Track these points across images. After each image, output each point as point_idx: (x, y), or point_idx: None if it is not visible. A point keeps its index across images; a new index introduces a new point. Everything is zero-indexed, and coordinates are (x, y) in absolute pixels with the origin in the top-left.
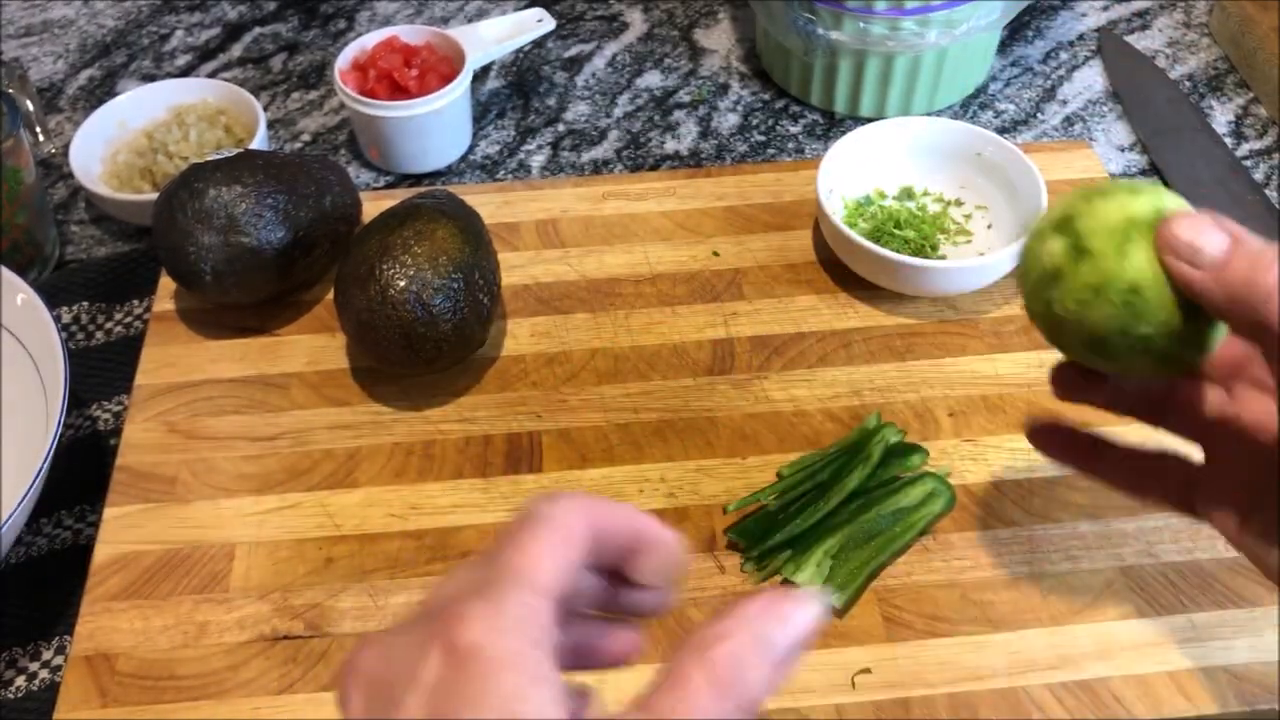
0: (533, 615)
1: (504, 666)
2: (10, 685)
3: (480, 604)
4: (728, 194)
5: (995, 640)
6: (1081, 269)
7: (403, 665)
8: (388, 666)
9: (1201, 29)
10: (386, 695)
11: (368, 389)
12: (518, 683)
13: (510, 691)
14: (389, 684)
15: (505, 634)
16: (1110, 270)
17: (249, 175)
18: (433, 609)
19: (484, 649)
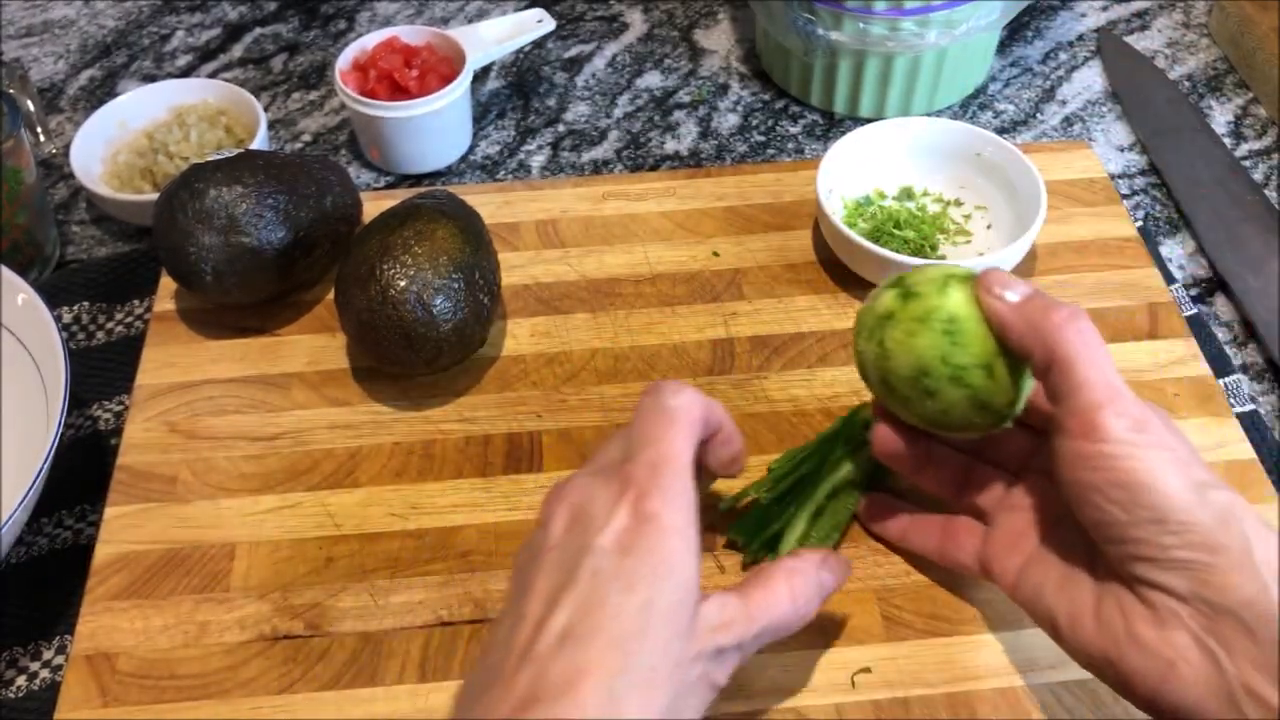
0: (687, 495)
1: (669, 533)
2: (11, 685)
3: (654, 483)
4: (728, 194)
5: (995, 640)
6: (909, 306)
7: (601, 508)
8: (590, 504)
9: (1201, 29)
10: (585, 523)
11: (368, 389)
12: (678, 547)
13: (673, 551)
14: (590, 516)
15: (674, 508)
16: (933, 304)
17: (249, 175)
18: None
19: (659, 515)
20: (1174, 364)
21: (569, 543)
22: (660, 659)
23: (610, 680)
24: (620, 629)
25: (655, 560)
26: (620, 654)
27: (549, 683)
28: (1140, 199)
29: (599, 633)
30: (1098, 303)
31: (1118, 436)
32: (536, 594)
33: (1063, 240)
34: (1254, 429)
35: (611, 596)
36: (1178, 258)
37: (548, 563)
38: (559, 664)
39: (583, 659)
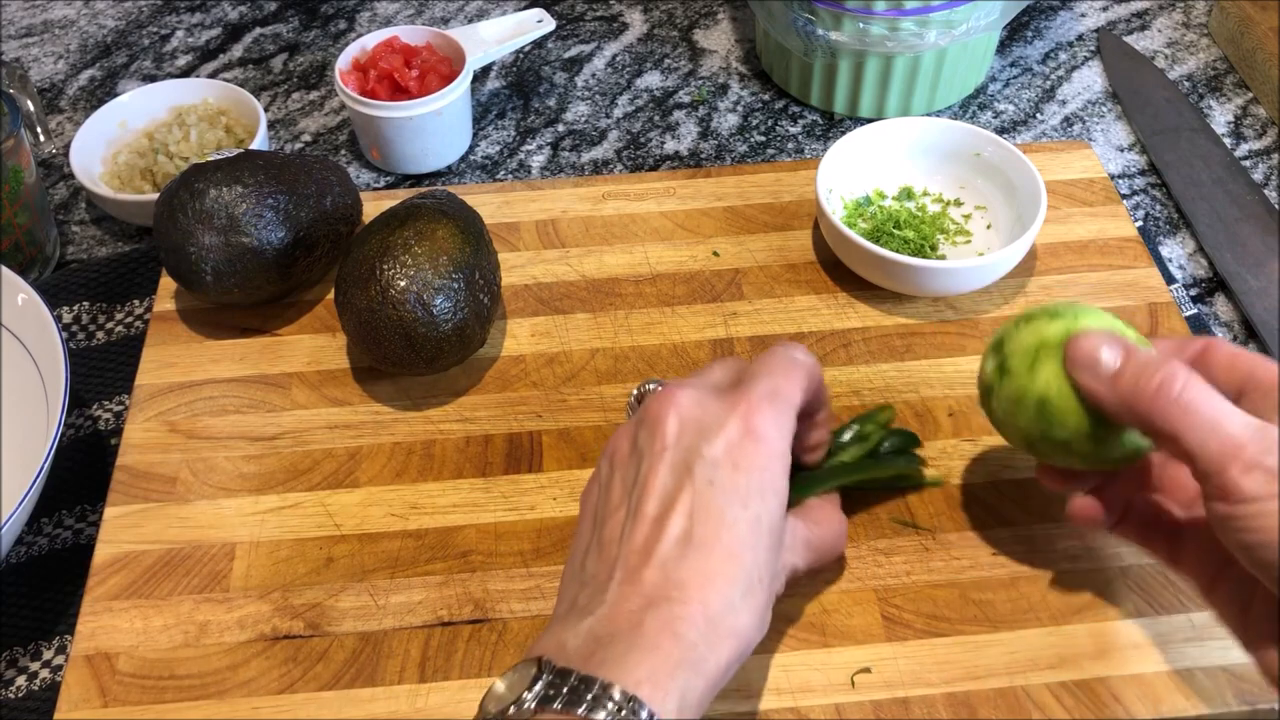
0: (791, 428)
1: (775, 455)
2: (11, 685)
3: (770, 406)
4: (728, 194)
5: (995, 640)
6: (1005, 384)
7: (713, 418)
8: (703, 414)
9: (1201, 29)
10: (697, 430)
11: (368, 389)
12: (780, 470)
13: (777, 473)
14: (702, 425)
15: (780, 434)
16: (1023, 385)
17: (250, 175)
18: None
19: (769, 437)
20: None
21: (683, 445)
22: (764, 570)
23: (728, 588)
24: (736, 540)
25: (764, 478)
26: (736, 564)
27: (676, 582)
28: (1140, 199)
29: (716, 542)
30: (1098, 303)
31: (1249, 494)
32: (653, 492)
33: (1063, 240)
34: None
35: (728, 508)
36: (1178, 258)
37: (664, 463)
38: (684, 568)
39: (704, 566)
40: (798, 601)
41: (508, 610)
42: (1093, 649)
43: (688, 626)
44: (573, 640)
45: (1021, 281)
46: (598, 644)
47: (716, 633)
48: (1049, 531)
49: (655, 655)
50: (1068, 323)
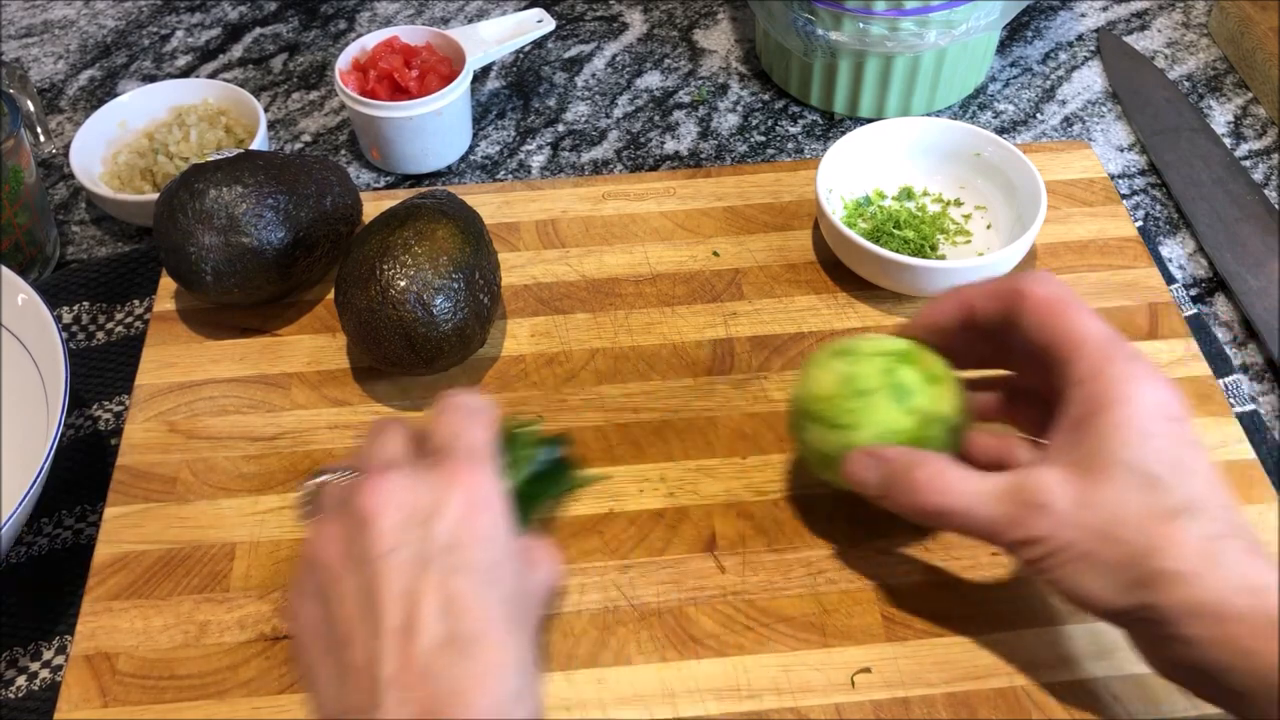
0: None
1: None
2: (11, 685)
3: (479, 466)
4: (728, 194)
5: (995, 640)
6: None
7: (431, 500)
8: (417, 497)
9: (1200, 29)
10: (419, 518)
11: (368, 389)
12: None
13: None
14: (422, 511)
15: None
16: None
17: (249, 176)
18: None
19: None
20: (1174, 364)
21: (409, 540)
22: (529, 641)
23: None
24: (501, 623)
25: (499, 546)
26: (509, 649)
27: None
28: (1140, 199)
29: (486, 634)
30: (1098, 303)
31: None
32: (390, 601)
33: (1063, 240)
34: (1254, 429)
35: (481, 593)
36: (1178, 258)
37: (392, 566)
38: (458, 673)
39: (479, 663)
40: (798, 601)
41: None
42: (1093, 649)
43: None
44: None
45: None
46: None
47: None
48: None
49: None
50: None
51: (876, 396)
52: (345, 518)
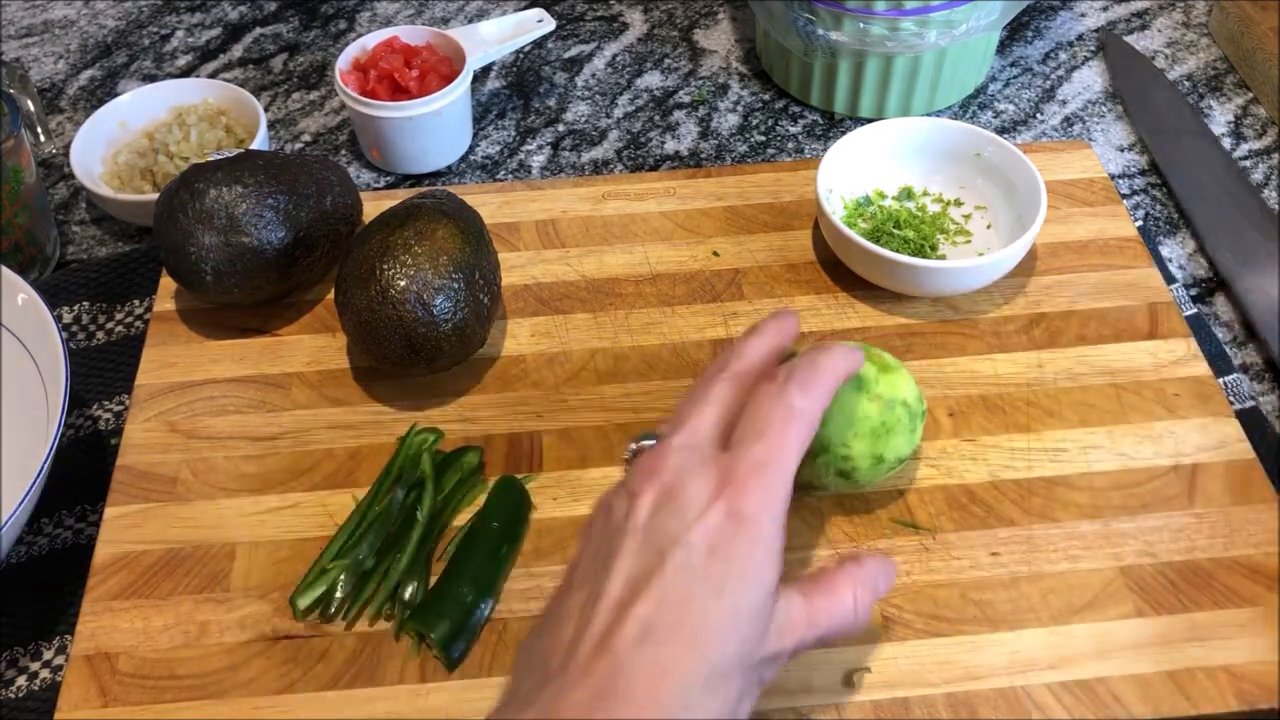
0: (783, 500)
1: (761, 539)
2: (11, 685)
3: (755, 482)
4: (728, 194)
5: (995, 640)
6: None
7: (694, 498)
8: (682, 490)
9: (1201, 29)
10: (677, 510)
11: (368, 389)
12: (765, 553)
13: (761, 558)
14: (683, 504)
15: (768, 515)
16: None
17: (250, 175)
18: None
19: (755, 520)
20: (1174, 364)
21: (657, 527)
22: (734, 663)
23: (685, 682)
24: (702, 631)
25: (745, 566)
26: (699, 657)
27: (627, 677)
28: (1140, 199)
29: (680, 631)
30: (1098, 303)
31: None
32: (618, 574)
33: (1063, 240)
34: (1254, 428)
35: (699, 598)
36: (1178, 258)
37: (633, 544)
38: (638, 661)
39: (664, 658)
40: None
41: (508, 610)
42: (1093, 649)
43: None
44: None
45: (1021, 281)
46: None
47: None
48: (1049, 531)
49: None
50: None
51: (841, 391)
52: (624, 487)
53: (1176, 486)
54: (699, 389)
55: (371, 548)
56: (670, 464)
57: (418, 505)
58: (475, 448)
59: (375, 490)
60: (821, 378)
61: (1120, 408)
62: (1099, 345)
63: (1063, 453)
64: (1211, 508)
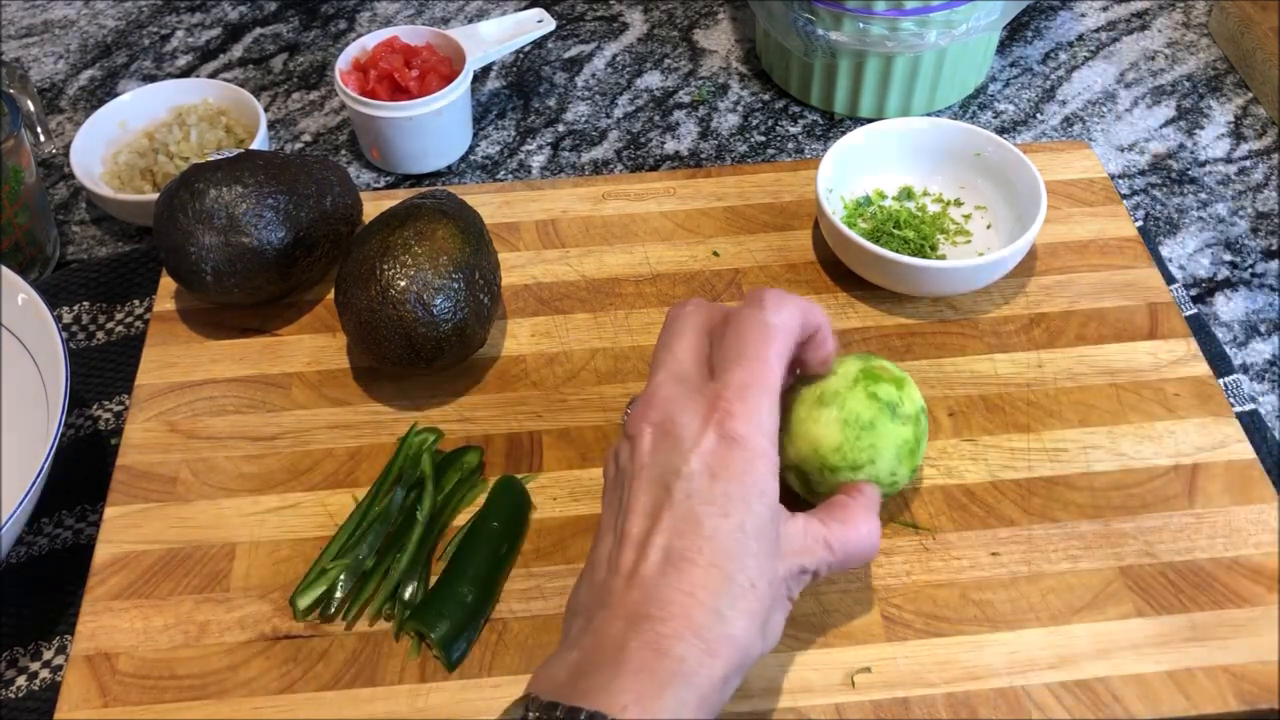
0: (771, 415)
1: (758, 456)
2: (11, 685)
3: (741, 404)
4: (728, 194)
5: (995, 640)
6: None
7: (687, 429)
8: (674, 424)
9: (1201, 29)
10: (673, 443)
11: (368, 389)
12: (764, 471)
13: (760, 475)
14: (677, 437)
15: (759, 432)
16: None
17: (250, 175)
18: (693, 381)
19: (747, 440)
20: (1174, 364)
21: (658, 462)
22: (756, 575)
23: (713, 598)
24: (719, 550)
25: (745, 483)
26: (721, 574)
27: (658, 600)
28: (1140, 199)
29: (699, 554)
30: (1098, 303)
31: None
32: (635, 512)
33: (1063, 240)
34: (1254, 429)
35: (706, 520)
36: (1178, 258)
37: (643, 481)
38: (665, 585)
39: (688, 580)
40: (798, 601)
41: (508, 610)
42: (1093, 649)
43: (673, 642)
44: (561, 673)
45: (1021, 281)
46: (583, 673)
47: (706, 644)
48: (1049, 531)
49: (641, 677)
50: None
51: (878, 422)
52: (624, 435)
53: (1176, 486)
54: (669, 325)
55: (371, 548)
56: (659, 401)
57: (418, 505)
58: (475, 448)
59: (375, 490)
60: (788, 296)
61: (1120, 408)
62: (1099, 345)
63: (1063, 453)
64: (1211, 508)
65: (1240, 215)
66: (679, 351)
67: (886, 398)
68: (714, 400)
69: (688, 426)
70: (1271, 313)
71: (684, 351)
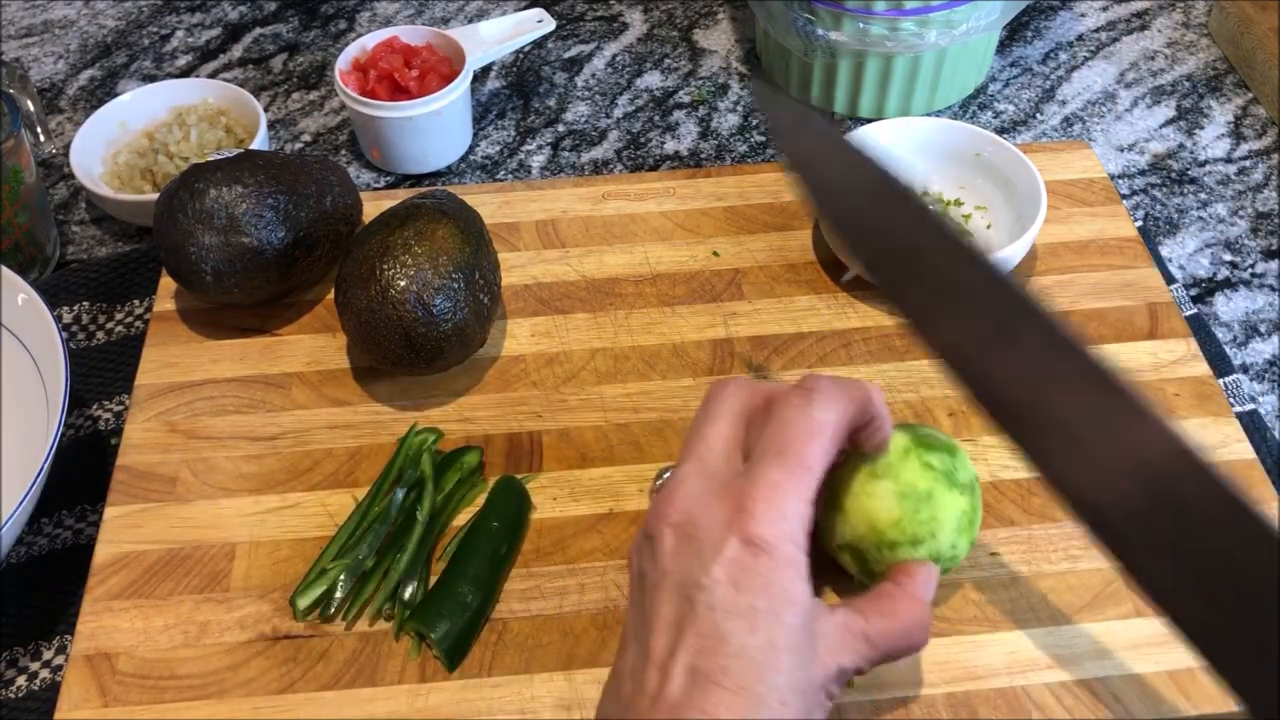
0: (801, 518)
1: (785, 564)
2: (11, 685)
3: (767, 507)
4: (728, 194)
5: (995, 640)
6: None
7: (708, 534)
8: (696, 527)
9: (1201, 29)
10: (694, 549)
11: (368, 389)
12: (791, 576)
13: (786, 582)
14: (698, 541)
15: (786, 538)
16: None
17: (250, 176)
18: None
19: (773, 546)
20: (1174, 364)
21: (680, 568)
22: (788, 691)
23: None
24: (746, 670)
25: (771, 594)
26: (749, 695)
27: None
28: (1140, 199)
29: (724, 675)
30: (1098, 303)
31: None
32: (659, 626)
33: (1063, 240)
34: (1254, 429)
35: (733, 638)
36: (1178, 258)
37: (664, 590)
38: (691, 709)
39: (714, 703)
40: None
41: (508, 610)
42: (1092, 649)
43: None
44: None
45: (1021, 282)
46: None
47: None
48: (1049, 531)
49: None
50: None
51: (935, 493)
52: (645, 533)
53: None
54: (706, 405)
55: (371, 548)
56: (680, 498)
57: (418, 505)
58: (475, 448)
59: (375, 490)
60: (842, 390)
61: None
62: (1099, 345)
63: None
64: None
65: (1240, 215)
66: (711, 438)
67: (942, 466)
68: (739, 501)
69: (709, 531)
70: (1271, 313)
71: (716, 438)
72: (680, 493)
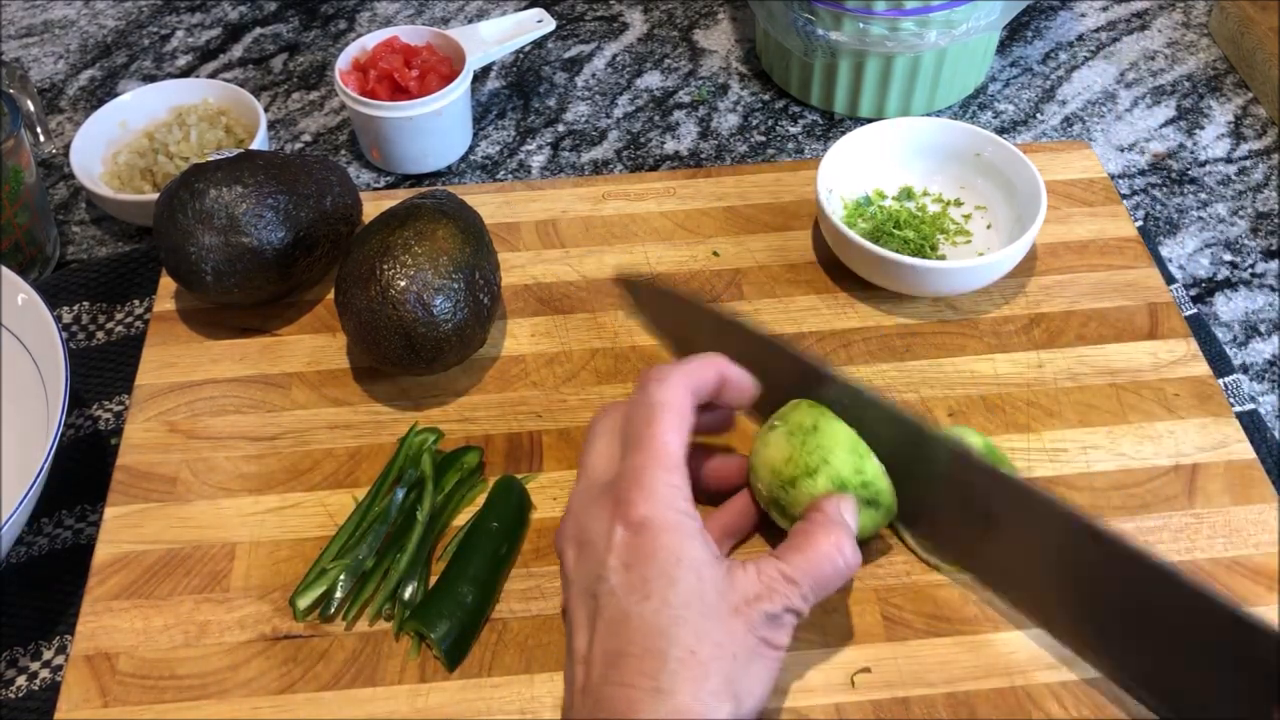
0: (673, 485)
1: (664, 530)
2: (11, 685)
3: (638, 490)
4: (728, 194)
5: (995, 640)
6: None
7: (598, 533)
8: (587, 533)
9: (1201, 29)
10: (590, 553)
11: (368, 389)
12: (677, 540)
13: (673, 546)
14: (593, 544)
15: (663, 506)
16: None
17: (250, 176)
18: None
19: (651, 519)
20: (1174, 364)
21: (582, 574)
22: (695, 641)
23: (654, 680)
24: (648, 633)
25: (659, 559)
26: (654, 654)
27: (605, 703)
28: (1140, 199)
29: (631, 645)
30: (1098, 303)
31: None
32: (578, 629)
33: (1063, 240)
34: (1254, 429)
35: (632, 611)
36: (1178, 258)
37: (575, 596)
38: (609, 686)
39: (626, 673)
40: None
41: (508, 610)
42: None
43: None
44: None
45: (1021, 281)
46: None
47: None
48: None
49: None
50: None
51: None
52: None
53: (1176, 486)
54: (586, 436)
55: (371, 548)
56: (572, 516)
57: (418, 505)
58: (475, 448)
59: (375, 490)
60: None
61: (1120, 408)
62: (1099, 345)
63: (1062, 453)
64: (1211, 508)
65: (1240, 215)
66: (591, 460)
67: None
68: (615, 495)
69: (598, 532)
70: (1271, 313)
71: (596, 458)
72: (571, 510)
